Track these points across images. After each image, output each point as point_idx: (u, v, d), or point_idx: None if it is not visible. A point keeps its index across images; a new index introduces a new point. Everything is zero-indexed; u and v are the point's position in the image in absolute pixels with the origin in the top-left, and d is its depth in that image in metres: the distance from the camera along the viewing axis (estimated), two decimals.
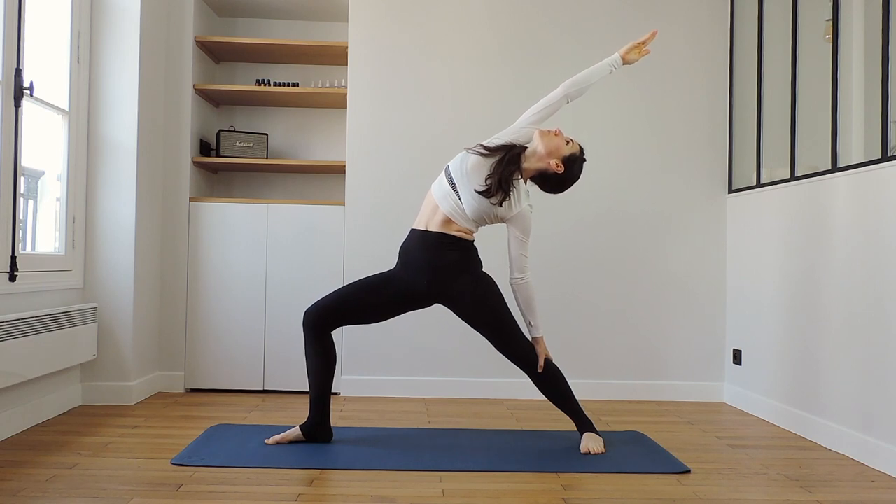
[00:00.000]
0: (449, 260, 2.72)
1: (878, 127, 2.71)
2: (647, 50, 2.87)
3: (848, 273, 2.86)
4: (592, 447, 2.75)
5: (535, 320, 2.80)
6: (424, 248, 2.73)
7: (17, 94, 2.86)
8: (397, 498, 2.23)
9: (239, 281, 3.85)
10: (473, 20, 3.94)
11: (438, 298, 2.80)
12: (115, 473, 2.41)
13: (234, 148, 4.01)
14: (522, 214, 2.73)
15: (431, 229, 2.73)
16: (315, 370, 2.78)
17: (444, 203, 2.72)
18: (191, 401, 3.61)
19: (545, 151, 2.71)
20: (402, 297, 2.79)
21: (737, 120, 3.89)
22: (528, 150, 2.75)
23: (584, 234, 3.90)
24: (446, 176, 2.75)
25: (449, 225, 2.72)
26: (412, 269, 2.76)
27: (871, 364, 2.71)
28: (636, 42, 2.85)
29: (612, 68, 2.84)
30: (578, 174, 2.82)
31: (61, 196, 3.34)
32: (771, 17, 3.57)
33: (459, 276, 2.74)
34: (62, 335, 3.09)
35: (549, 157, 2.71)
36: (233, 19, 4.35)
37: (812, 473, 2.58)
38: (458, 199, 2.70)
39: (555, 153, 2.71)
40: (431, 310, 3.75)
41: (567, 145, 2.74)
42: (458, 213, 2.71)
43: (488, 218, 2.73)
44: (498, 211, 2.69)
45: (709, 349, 3.90)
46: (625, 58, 2.84)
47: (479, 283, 2.76)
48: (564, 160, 2.73)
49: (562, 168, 2.73)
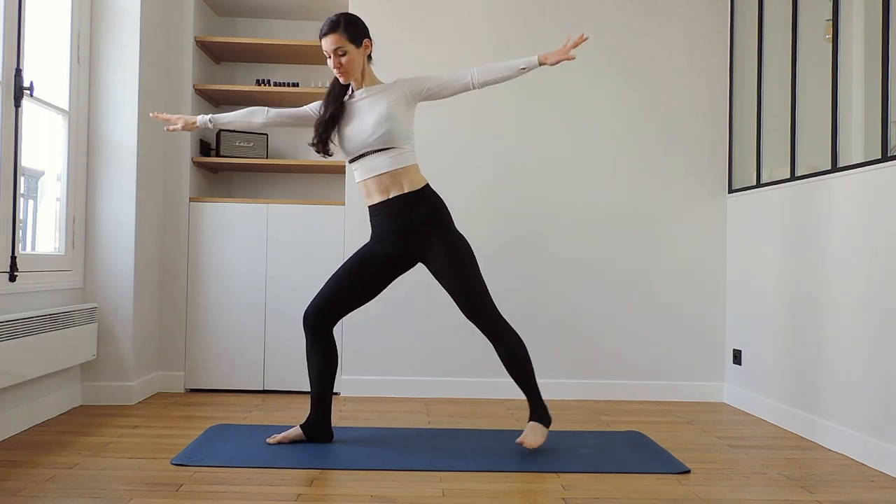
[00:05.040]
0: (416, 219, 2.69)
1: (878, 127, 2.71)
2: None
3: (848, 273, 2.86)
4: (529, 439, 2.71)
5: (515, 61, 2.69)
6: (391, 217, 2.71)
7: (17, 94, 2.86)
8: (397, 498, 2.23)
9: (239, 281, 3.85)
10: (473, 19, 3.94)
11: (416, 258, 2.76)
12: (115, 473, 2.41)
13: (234, 148, 4.01)
14: (399, 79, 2.77)
15: (391, 196, 2.70)
16: (317, 371, 2.78)
17: (375, 166, 2.68)
18: (191, 401, 3.61)
19: (360, 67, 2.73)
20: (386, 267, 2.78)
21: (737, 120, 3.89)
22: (359, 73, 2.74)
23: (584, 234, 3.90)
24: (351, 159, 2.75)
25: (395, 179, 2.68)
26: (387, 240, 2.75)
27: (871, 364, 2.71)
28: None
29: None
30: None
31: (61, 196, 3.34)
32: (771, 17, 3.57)
33: (431, 233, 2.70)
34: (62, 335, 3.09)
35: (361, 66, 2.73)
36: (233, 19, 4.35)
37: (812, 473, 2.58)
38: (370, 144, 2.66)
39: (358, 63, 2.71)
40: (431, 310, 3.78)
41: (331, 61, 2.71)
42: (388, 152, 2.67)
43: (400, 113, 2.68)
44: (390, 102, 2.68)
45: (709, 349, 3.90)
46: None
47: (450, 243, 2.71)
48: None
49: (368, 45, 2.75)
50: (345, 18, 2.69)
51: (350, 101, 2.77)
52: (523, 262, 3.85)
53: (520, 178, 3.90)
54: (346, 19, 2.69)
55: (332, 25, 2.67)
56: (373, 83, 2.78)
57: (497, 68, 2.72)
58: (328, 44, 2.67)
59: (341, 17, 2.69)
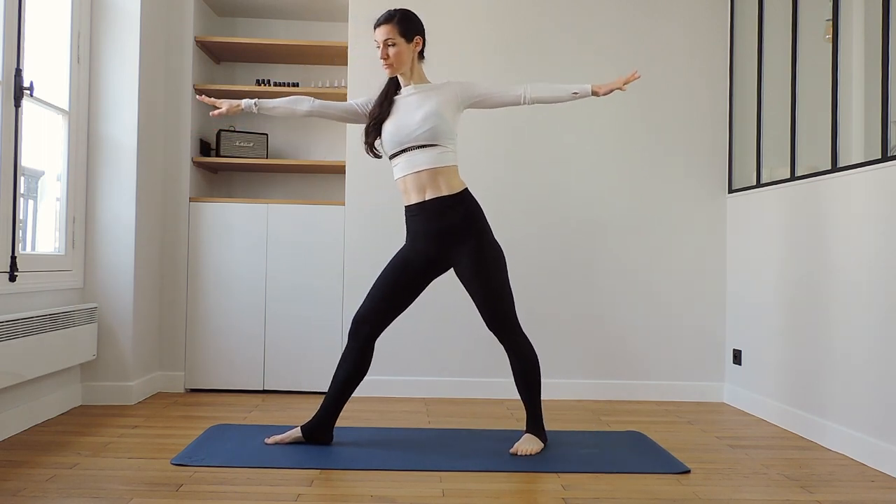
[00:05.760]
0: (451, 222, 2.68)
1: (878, 127, 2.71)
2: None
3: (848, 273, 2.86)
4: (523, 448, 2.70)
5: (569, 86, 2.73)
6: (426, 219, 2.71)
7: (17, 94, 2.86)
8: (397, 498, 2.23)
9: (239, 281, 3.85)
10: (474, 19, 3.94)
11: (449, 261, 2.75)
12: (115, 473, 2.41)
13: (234, 148, 4.01)
14: (450, 80, 2.79)
15: (427, 197, 2.70)
16: (345, 376, 2.76)
17: (417, 162, 2.67)
18: (191, 401, 3.61)
19: (409, 63, 2.73)
20: (423, 269, 2.77)
21: (737, 120, 3.89)
22: (407, 68, 2.74)
23: (584, 234, 3.90)
24: (393, 153, 2.73)
25: (434, 179, 2.67)
26: (420, 241, 2.75)
27: (871, 364, 2.71)
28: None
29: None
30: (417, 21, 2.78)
31: (61, 196, 3.34)
32: (771, 17, 3.57)
33: (465, 237, 2.69)
34: (62, 335, 3.09)
35: (410, 61, 2.73)
36: (233, 19, 4.35)
37: (812, 473, 2.58)
38: (416, 138, 2.66)
39: (406, 57, 2.71)
40: (431, 310, 3.78)
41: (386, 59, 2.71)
42: (432, 149, 2.66)
43: (448, 113, 2.69)
44: (440, 101, 2.68)
45: (709, 349, 3.90)
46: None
47: (482, 247, 2.69)
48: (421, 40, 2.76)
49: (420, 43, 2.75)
50: (401, 13, 2.73)
51: (397, 97, 2.77)
52: (522, 262, 3.84)
53: (519, 179, 3.90)
54: (402, 13, 2.73)
55: (387, 17, 2.71)
56: (422, 81, 2.78)
57: (550, 88, 2.76)
58: (380, 34, 2.70)
59: (398, 11, 2.73)
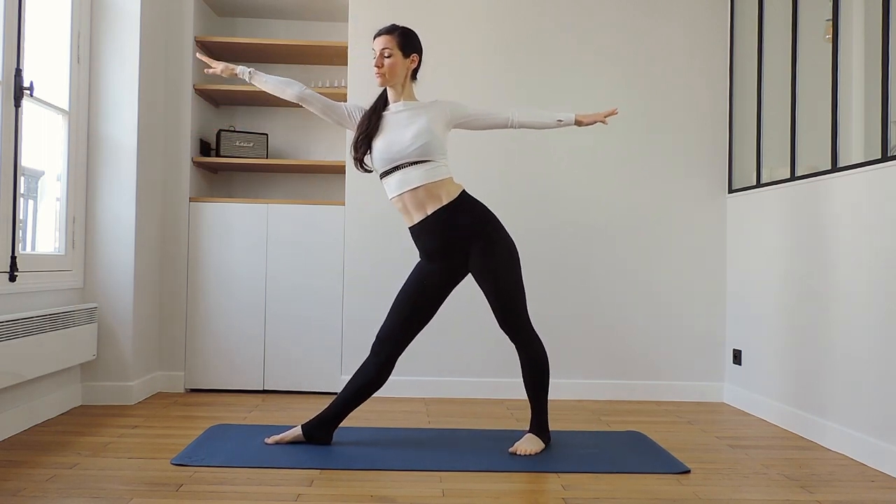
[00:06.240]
0: (460, 228, 2.69)
1: (878, 127, 2.71)
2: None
3: (848, 273, 2.86)
4: (523, 447, 2.71)
5: (555, 113, 2.85)
6: (433, 236, 2.71)
7: (17, 94, 2.86)
8: (397, 498, 2.23)
9: (239, 281, 3.85)
10: (473, 19, 3.94)
11: (466, 264, 2.75)
12: (115, 473, 2.41)
13: (234, 148, 4.01)
14: (439, 100, 2.81)
15: (429, 213, 2.69)
16: (359, 386, 2.78)
17: (410, 179, 2.66)
18: (191, 401, 3.61)
19: (402, 78, 2.76)
20: (442, 283, 2.77)
21: (737, 120, 3.89)
22: (399, 83, 2.76)
23: (583, 234, 3.90)
24: (384, 171, 2.72)
25: (432, 193, 2.67)
26: (435, 257, 2.75)
27: (871, 364, 2.71)
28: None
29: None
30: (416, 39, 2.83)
31: (61, 196, 3.34)
32: (771, 17, 3.57)
33: (476, 237, 2.70)
34: (62, 335, 3.09)
35: (403, 77, 2.76)
36: (233, 19, 4.35)
37: (812, 473, 2.58)
38: (407, 155, 2.66)
39: (400, 71, 2.74)
40: None
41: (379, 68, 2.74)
42: (424, 165, 2.66)
43: (438, 130, 2.71)
44: (430, 118, 2.70)
45: (709, 349, 3.90)
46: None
47: (493, 242, 2.71)
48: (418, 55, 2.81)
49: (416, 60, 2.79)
50: (403, 28, 2.79)
51: (386, 113, 2.77)
52: (522, 262, 3.82)
53: (519, 179, 3.90)
54: (404, 28, 2.79)
55: (389, 28, 2.77)
56: (411, 98, 2.79)
57: (537, 114, 2.86)
58: (378, 43, 2.74)
59: (400, 26, 2.79)
